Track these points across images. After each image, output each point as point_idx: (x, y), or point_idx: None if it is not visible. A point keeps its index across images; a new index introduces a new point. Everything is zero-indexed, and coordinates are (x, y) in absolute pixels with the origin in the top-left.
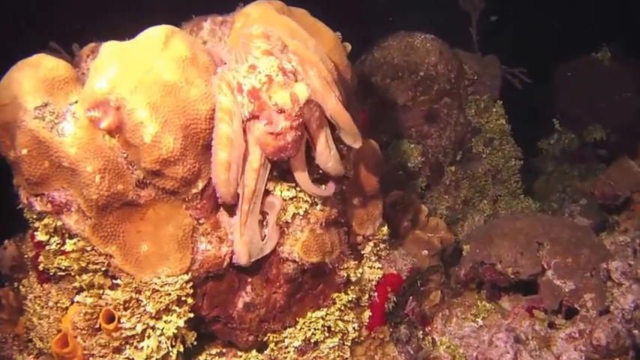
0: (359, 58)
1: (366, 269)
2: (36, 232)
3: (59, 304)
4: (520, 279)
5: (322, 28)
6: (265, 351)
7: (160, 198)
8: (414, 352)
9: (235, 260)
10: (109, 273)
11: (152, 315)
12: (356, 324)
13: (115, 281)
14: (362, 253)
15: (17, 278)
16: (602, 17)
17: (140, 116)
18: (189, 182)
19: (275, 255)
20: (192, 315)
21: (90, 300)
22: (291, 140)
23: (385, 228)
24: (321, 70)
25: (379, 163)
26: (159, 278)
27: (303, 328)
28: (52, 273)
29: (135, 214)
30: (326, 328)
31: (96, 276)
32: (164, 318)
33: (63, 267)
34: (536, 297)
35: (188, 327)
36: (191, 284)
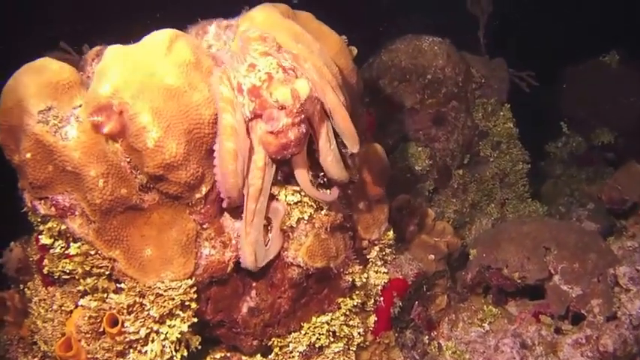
0: (366, 61)
1: (372, 274)
2: (40, 236)
3: (63, 308)
4: (527, 284)
5: (327, 32)
6: (270, 355)
7: (164, 202)
8: (420, 357)
9: (242, 261)
10: (113, 277)
11: (156, 319)
12: (361, 329)
13: (119, 285)
14: (367, 258)
15: (23, 280)
16: (609, 20)
17: (143, 121)
18: (192, 187)
19: (280, 260)
20: (195, 320)
21: (94, 304)
22: (294, 138)
23: (391, 232)
24: (316, 63)
25: (385, 168)
26: (162, 283)
27: (307, 333)
28: (57, 276)
29: (139, 219)
30: (331, 333)
31: (100, 280)
32: (168, 322)
33: (67, 270)
34: (543, 302)
35: (192, 331)
36: (195, 289)
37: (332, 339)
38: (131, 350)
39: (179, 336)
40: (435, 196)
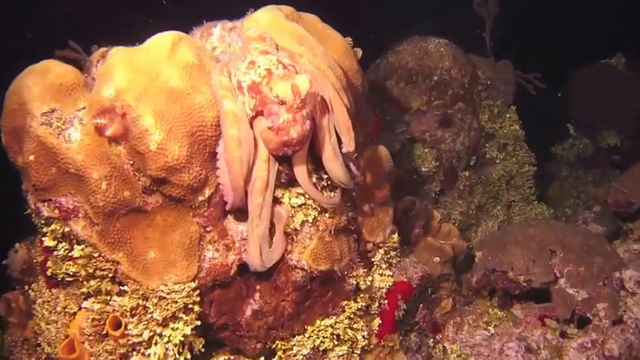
0: (374, 62)
1: (376, 277)
2: (44, 238)
3: (67, 310)
4: (532, 287)
5: (332, 34)
6: (273, 359)
7: (167, 205)
8: None
9: (249, 259)
10: (117, 279)
11: (159, 322)
12: (365, 332)
13: (123, 288)
14: (372, 261)
15: (28, 281)
16: (615, 23)
17: (145, 123)
18: (195, 190)
19: (283, 262)
20: (199, 322)
21: (97, 306)
22: (296, 135)
23: (396, 235)
24: (319, 66)
25: (390, 170)
26: (166, 285)
27: (311, 336)
28: (60, 278)
29: (142, 221)
30: (335, 336)
31: (103, 282)
32: (171, 325)
33: (71, 273)
34: (548, 305)
35: (196, 334)
36: (198, 292)
37: (336, 342)
38: (134, 353)
39: (182, 339)
40: (441, 198)
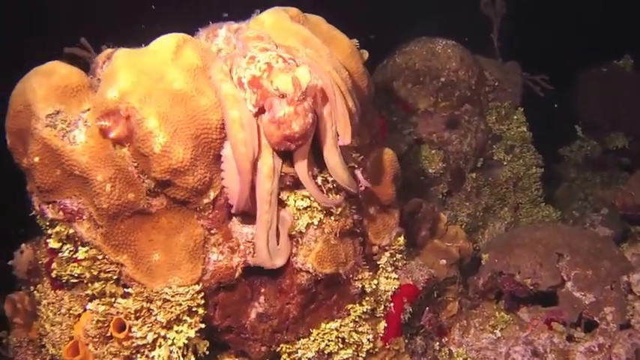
0: (376, 63)
1: (382, 280)
2: (48, 239)
3: (72, 311)
4: (539, 290)
5: (338, 36)
6: None
7: (172, 207)
8: None
9: (256, 249)
10: (121, 282)
11: (163, 325)
12: (370, 335)
13: (127, 290)
14: (378, 264)
15: (33, 282)
16: (623, 24)
17: (150, 126)
18: (200, 192)
19: (288, 265)
20: (203, 325)
21: (102, 308)
22: (298, 129)
23: (402, 238)
24: (324, 68)
25: (396, 172)
26: (170, 288)
27: (316, 339)
28: (65, 280)
29: (146, 223)
30: (340, 340)
31: (108, 284)
32: (175, 328)
33: (75, 274)
34: (555, 309)
35: (200, 336)
36: (202, 295)
37: (341, 345)
38: (138, 355)
39: (186, 342)
40: (448, 200)
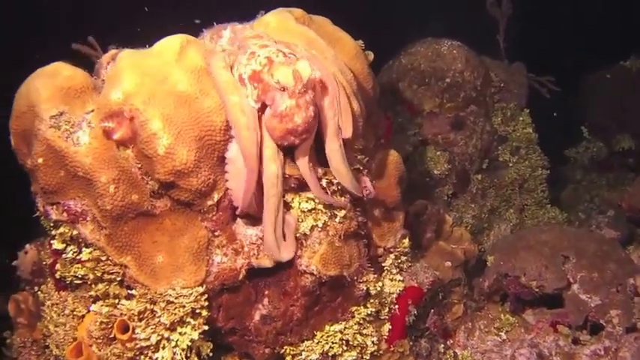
0: (386, 63)
1: (387, 282)
2: (52, 241)
3: (75, 313)
4: (545, 293)
5: (343, 37)
6: None
7: (176, 209)
8: None
9: (264, 237)
10: (125, 283)
11: (167, 326)
12: (375, 337)
13: (131, 291)
14: (382, 266)
15: (37, 283)
16: (631, 25)
17: (153, 127)
18: (204, 194)
19: (293, 267)
20: (206, 327)
21: (105, 309)
22: (301, 122)
23: (406, 240)
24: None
25: (401, 174)
26: (173, 290)
27: (320, 342)
28: (69, 281)
29: (150, 225)
30: (344, 342)
31: (111, 286)
32: (179, 330)
33: (79, 275)
34: (560, 311)
35: (204, 338)
36: (206, 297)
37: (345, 348)
38: (142, 357)
39: (190, 343)
40: (454, 201)
